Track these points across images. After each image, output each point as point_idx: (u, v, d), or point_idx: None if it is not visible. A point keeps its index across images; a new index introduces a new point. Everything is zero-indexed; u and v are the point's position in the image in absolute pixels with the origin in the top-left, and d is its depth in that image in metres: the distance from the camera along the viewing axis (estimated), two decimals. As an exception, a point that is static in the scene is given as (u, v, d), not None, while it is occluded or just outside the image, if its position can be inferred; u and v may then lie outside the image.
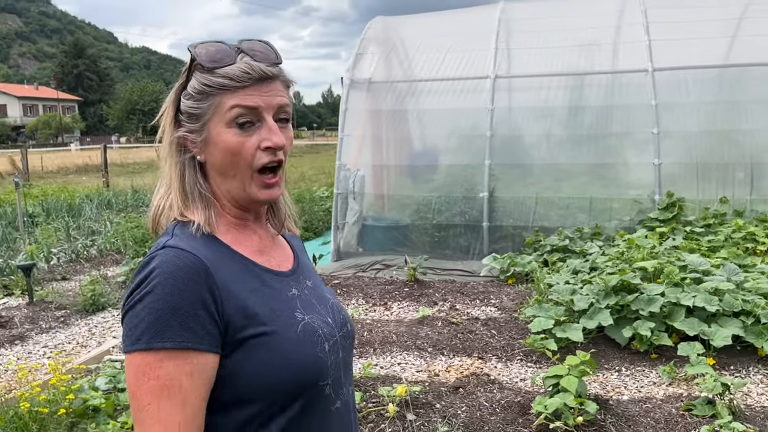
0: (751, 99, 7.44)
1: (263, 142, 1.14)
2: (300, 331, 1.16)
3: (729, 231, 6.43)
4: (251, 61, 1.14)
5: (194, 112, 1.15)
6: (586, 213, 7.56)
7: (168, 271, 1.05)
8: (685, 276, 5.14)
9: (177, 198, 1.18)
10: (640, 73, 7.50)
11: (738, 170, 7.10)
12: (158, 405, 1.02)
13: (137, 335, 1.03)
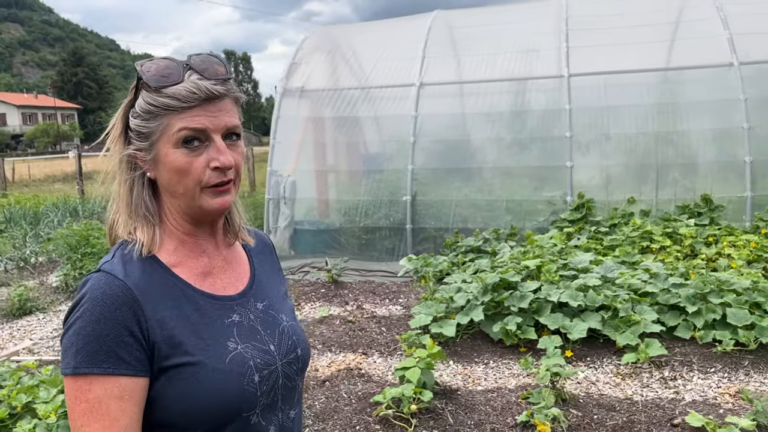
0: (675, 102, 7.72)
1: (212, 162, 1.13)
2: (228, 361, 1.15)
3: (629, 230, 6.71)
4: (198, 80, 1.13)
5: (142, 131, 1.15)
6: (512, 214, 7.84)
7: (97, 299, 1.08)
8: (563, 274, 5.42)
9: (123, 215, 1.19)
10: (555, 78, 7.79)
11: (651, 171, 7.37)
12: (89, 426, 1.05)
13: (68, 360, 1.07)
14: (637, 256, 6.09)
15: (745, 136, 6.98)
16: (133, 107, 1.17)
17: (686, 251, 6.34)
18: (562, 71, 7.79)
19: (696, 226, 6.74)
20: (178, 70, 1.13)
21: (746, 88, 7.11)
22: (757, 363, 4.49)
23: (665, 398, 4.11)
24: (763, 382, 4.26)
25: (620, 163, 7.50)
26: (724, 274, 5.10)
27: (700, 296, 4.88)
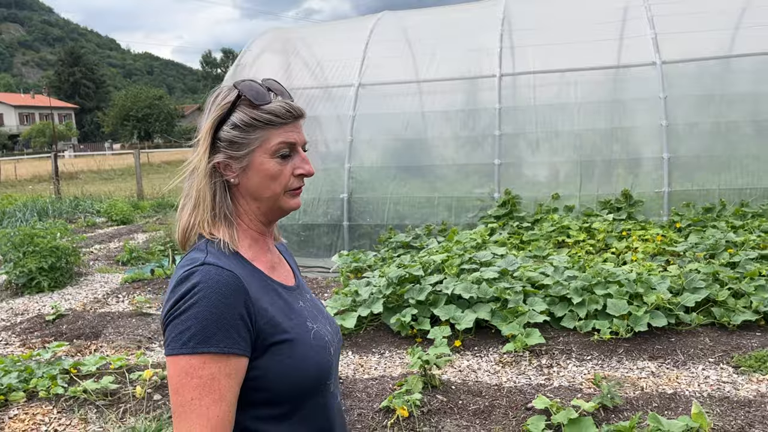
0: (604, 100, 7.94)
1: (297, 170, 1.33)
2: (313, 337, 1.34)
3: (548, 226, 6.94)
4: (286, 101, 1.32)
5: (240, 142, 1.29)
6: (449, 211, 8.07)
7: (212, 286, 1.19)
8: (466, 267, 5.66)
9: (207, 217, 1.32)
10: (489, 78, 8.02)
11: (577, 168, 7.59)
12: (200, 400, 1.16)
13: (184, 340, 1.17)
14: (548, 250, 6.32)
15: (663, 133, 7.19)
16: (226, 121, 1.30)
17: (600, 245, 6.57)
18: (494, 71, 8.01)
19: (614, 220, 6.97)
20: (266, 92, 1.32)
21: (666, 86, 7.32)
22: (631, 351, 4.73)
23: (535, 384, 4.35)
24: (631, 368, 4.50)
25: (546, 161, 7.72)
26: (611, 267, 5.33)
27: (588, 288, 5.11)
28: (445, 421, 3.85)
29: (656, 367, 4.48)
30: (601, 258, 6.23)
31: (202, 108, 1.41)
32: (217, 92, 1.35)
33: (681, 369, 4.44)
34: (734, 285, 5.09)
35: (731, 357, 4.50)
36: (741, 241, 6.03)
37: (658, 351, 4.69)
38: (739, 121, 7.27)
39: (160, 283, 7.33)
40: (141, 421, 3.82)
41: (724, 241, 6.02)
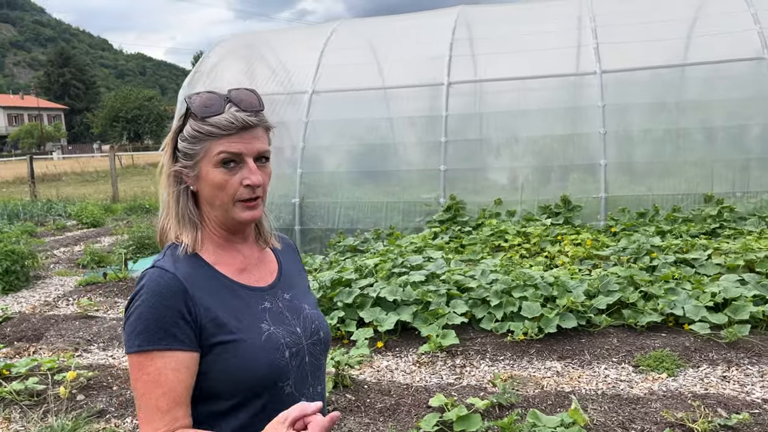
0: (549, 108, 8.16)
1: (244, 180, 1.37)
2: (264, 339, 1.38)
3: (487, 230, 7.15)
4: (236, 112, 1.36)
5: (189, 152, 1.38)
6: (401, 215, 8.28)
7: (153, 288, 1.31)
8: (397, 271, 5.87)
9: (172, 221, 1.43)
10: (438, 86, 8.23)
11: (518, 174, 7.82)
12: (151, 393, 1.28)
13: (132, 341, 1.30)
14: (482, 254, 6.53)
15: (602, 140, 7.43)
16: (181, 132, 1.40)
17: (536, 249, 6.79)
18: (442, 79, 8.23)
19: (552, 225, 7.19)
20: (220, 102, 1.37)
21: (605, 95, 7.55)
22: (542, 351, 4.94)
23: (445, 383, 4.56)
24: (539, 368, 4.72)
25: (491, 167, 7.94)
26: (532, 271, 5.55)
27: (507, 291, 5.32)
28: (349, 419, 4.05)
29: (562, 367, 4.69)
30: (534, 261, 6.45)
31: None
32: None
33: (585, 368, 4.66)
34: (646, 288, 5.31)
35: (633, 357, 4.72)
36: (665, 246, 6.26)
37: (567, 351, 4.90)
38: (677, 130, 7.51)
39: (112, 286, 7.50)
40: (59, 421, 4.01)
41: (649, 245, 6.25)
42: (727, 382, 4.30)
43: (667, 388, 4.25)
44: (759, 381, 4.27)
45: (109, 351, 5.53)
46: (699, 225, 6.81)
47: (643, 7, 8.86)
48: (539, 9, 9.18)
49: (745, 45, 7.37)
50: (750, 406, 3.94)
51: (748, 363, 4.52)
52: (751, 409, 3.91)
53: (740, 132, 7.26)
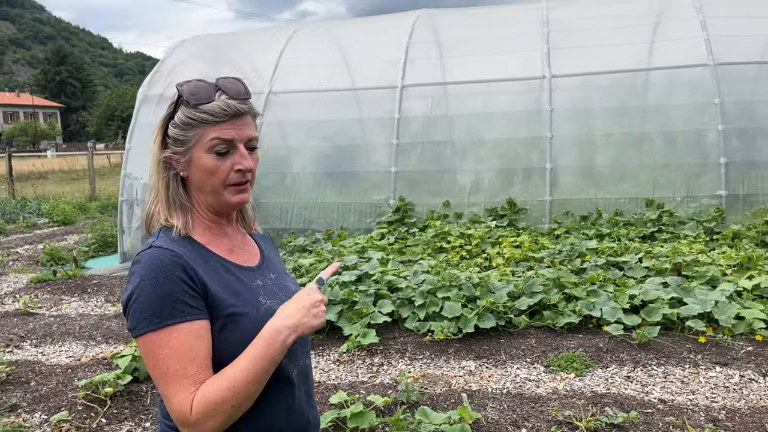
0: (496, 112, 8.25)
1: (236, 165, 1.42)
2: (262, 312, 1.44)
3: (432, 232, 7.23)
4: (227, 99, 1.41)
5: (180, 139, 1.42)
6: (357, 215, 8.36)
7: (156, 266, 1.33)
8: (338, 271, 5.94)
9: (162, 206, 1.46)
10: (391, 89, 8.31)
11: (467, 176, 7.90)
12: (176, 365, 1.30)
13: (146, 320, 1.31)
14: (421, 255, 6.61)
15: (548, 144, 7.51)
16: (172, 119, 1.44)
17: (477, 251, 6.87)
18: (396, 82, 8.31)
19: (496, 227, 7.27)
20: (210, 90, 1.42)
21: (553, 99, 7.64)
22: (460, 351, 5.02)
23: (359, 381, 4.63)
24: (454, 367, 4.78)
25: (441, 169, 8.02)
26: (458, 271, 5.63)
27: (432, 291, 5.40)
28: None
29: (476, 367, 4.77)
30: (473, 263, 6.53)
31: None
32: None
33: (499, 368, 4.73)
34: (570, 290, 5.39)
35: (547, 357, 4.80)
36: (601, 248, 6.34)
37: (484, 351, 4.98)
38: (622, 135, 7.59)
39: (61, 284, 7.56)
40: (-32, 414, 4.08)
41: (584, 248, 6.33)
42: (630, 382, 4.38)
43: (570, 388, 4.33)
44: (661, 381, 4.35)
45: (40, 348, 5.59)
46: (639, 229, 6.89)
47: (605, 12, 8.96)
48: (501, 13, 9.27)
49: (691, 52, 7.46)
50: (644, 406, 4.02)
51: (655, 364, 4.60)
52: (645, 408, 3.99)
53: (682, 138, 7.35)
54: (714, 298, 5.07)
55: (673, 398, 4.12)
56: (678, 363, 4.60)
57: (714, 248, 6.33)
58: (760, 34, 7.69)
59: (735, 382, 4.29)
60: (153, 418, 4.15)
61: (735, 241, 6.38)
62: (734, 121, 7.10)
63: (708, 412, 3.92)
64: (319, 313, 1.43)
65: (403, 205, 7.75)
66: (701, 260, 5.92)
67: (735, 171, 6.95)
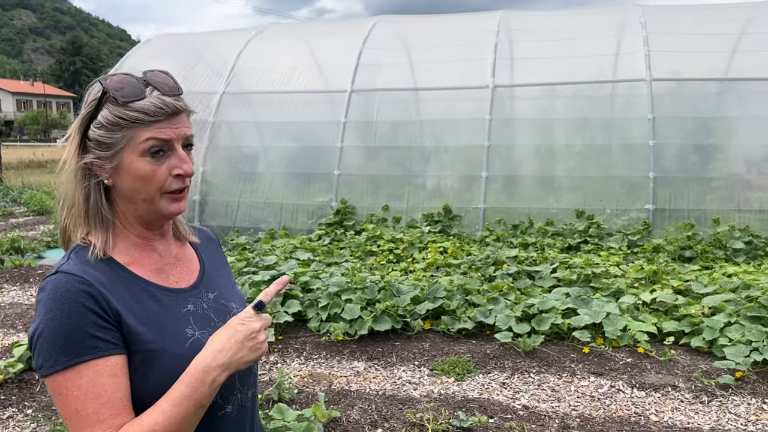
0: (440, 119, 8.40)
1: (174, 170, 1.23)
2: (188, 347, 1.23)
3: (365, 235, 7.39)
4: (162, 96, 1.21)
5: (106, 141, 1.20)
6: (304, 215, 8.54)
7: (61, 297, 1.13)
8: (251, 270, 6.12)
9: (80, 220, 1.24)
10: (340, 93, 8.48)
11: (404, 181, 8.04)
12: (86, 408, 1.12)
13: (52, 359, 1.12)
14: (347, 257, 6.77)
15: (485, 153, 7.64)
16: (93, 119, 1.22)
17: (406, 254, 7.01)
18: (346, 87, 8.47)
19: (430, 233, 7.42)
20: (140, 86, 1.21)
21: (493, 109, 7.77)
22: (355, 352, 5.17)
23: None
24: (345, 367, 4.92)
25: (384, 174, 8.17)
26: (366, 274, 5.78)
27: (338, 293, 5.56)
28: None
29: (365, 368, 4.92)
30: (398, 267, 6.68)
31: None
32: (90, 88, 1.26)
33: (386, 370, 4.88)
34: (472, 297, 5.53)
35: (435, 361, 4.95)
36: (521, 257, 6.47)
37: (377, 353, 5.13)
38: (559, 146, 7.71)
39: (6, 273, 7.77)
40: None
41: (504, 257, 6.46)
42: (504, 388, 4.52)
43: (445, 392, 4.47)
44: (533, 389, 4.48)
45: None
46: (566, 239, 7.01)
47: (563, 24, 9.09)
48: (454, 23, 9.40)
49: (629, 67, 7.56)
50: (506, 411, 4.16)
51: (535, 372, 4.73)
52: (505, 413, 4.13)
53: (616, 151, 7.45)
54: (608, 310, 5.20)
55: (537, 405, 4.25)
56: (557, 372, 4.72)
57: (632, 261, 6.44)
58: (705, 50, 7.78)
59: (603, 392, 4.41)
60: (38, 406, 4.34)
61: (653, 255, 6.49)
62: (666, 137, 7.20)
63: (564, 419, 4.05)
64: (257, 346, 1.23)
65: (343, 207, 7.91)
66: (611, 272, 6.03)
67: (663, 186, 7.05)
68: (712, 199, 7.07)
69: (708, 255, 6.49)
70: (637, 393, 4.39)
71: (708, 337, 4.81)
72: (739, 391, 4.33)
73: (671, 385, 4.46)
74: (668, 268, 6.08)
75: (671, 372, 4.63)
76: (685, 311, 5.18)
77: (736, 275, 5.86)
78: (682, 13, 8.51)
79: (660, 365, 4.73)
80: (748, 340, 4.62)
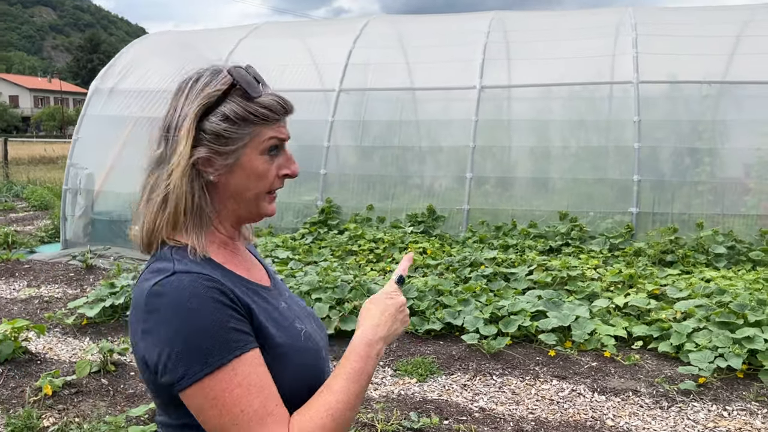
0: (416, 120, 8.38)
1: (282, 170, 1.23)
2: (304, 340, 1.23)
3: (347, 234, 7.39)
4: (278, 95, 1.21)
5: (231, 136, 1.16)
6: (293, 215, 8.54)
7: (193, 296, 1.07)
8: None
9: (180, 218, 1.17)
10: (330, 92, 8.50)
11: (389, 181, 8.04)
12: (251, 402, 1.07)
13: (201, 362, 1.05)
14: (326, 257, 6.77)
15: (470, 154, 7.61)
16: (213, 110, 1.16)
17: (386, 254, 7.00)
18: (335, 86, 8.48)
19: (412, 233, 7.40)
20: (254, 81, 1.19)
21: (480, 110, 7.74)
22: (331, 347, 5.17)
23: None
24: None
25: (367, 174, 8.17)
26: (339, 273, 5.78)
27: (309, 292, 5.56)
28: (86, 402, 4.33)
29: (329, 367, 4.92)
30: (378, 267, 6.68)
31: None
32: (197, 76, 1.20)
33: (350, 370, 4.87)
34: (443, 297, 5.51)
35: (399, 362, 4.94)
36: (500, 259, 6.44)
37: (343, 353, 5.12)
38: (544, 148, 7.67)
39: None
40: None
41: (483, 258, 6.43)
42: (464, 390, 4.50)
43: (405, 392, 4.46)
44: (494, 392, 4.46)
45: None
46: (548, 241, 6.97)
47: (554, 25, 9.04)
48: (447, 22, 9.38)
49: (616, 69, 7.50)
50: (462, 413, 4.14)
51: (498, 374, 4.70)
52: (460, 415, 4.11)
53: (601, 153, 7.39)
54: (578, 313, 5.16)
55: (495, 408, 4.23)
56: (521, 374, 4.70)
57: (612, 264, 6.38)
58: (696, 53, 7.70)
59: (563, 396, 4.38)
60: (-1, 398, 4.38)
61: (633, 258, 6.43)
62: (652, 139, 7.13)
63: (519, 422, 4.02)
64: (405, 318, 1.29)
65: (327, 207, 7.92)
66: (588, 275, 5.98)
67: (648, 189, 6.98)
68: (699, 203, 6.99)
69: (689, 259, 6.42)
70: (597, 397, 4.35)
71: (675, 342, 4.76)
72: (701, 397, 4.28)
73: (633, 389, 4.42)
74: (646, 272, 6.02)
75: (635, 377, 4.59)
76: (656, 316, 5.12)
77: (713, 280, 5.79)
78: (675, 15, 8.42)
79: (624, 369, 4.69)
80: (715, 346, 4.56)
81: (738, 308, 4.84)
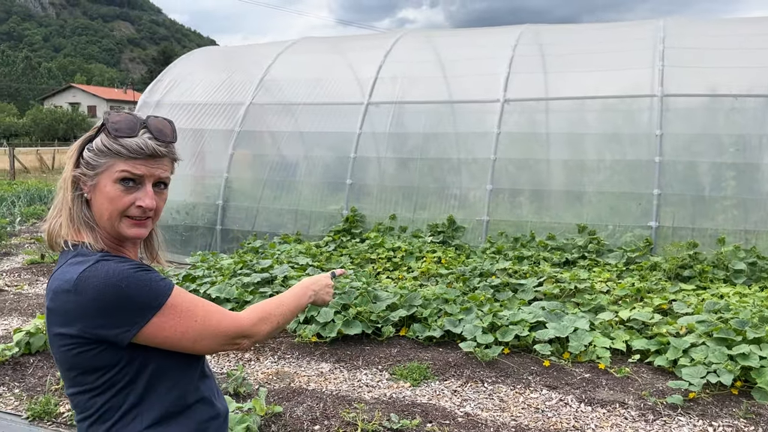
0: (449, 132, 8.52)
1: (138, 201, 1.47)
2: None
3: (368, 243, 7.60)
4: (148, 139, 1.46)
5: (92, 163, 1.46)
6: (322, 222, 8.85)
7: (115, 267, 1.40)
8: (243, 272, 6.46)
9: (66, 223, 1.48)
10: (357, 105, 8.76)
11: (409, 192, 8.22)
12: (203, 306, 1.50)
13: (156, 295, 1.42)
14: (341, 264, 7.00)
15: (491, 166, 7.71)
16: (90, 143, 1.49)
17: (403, 263, 7.18)
18: (364, 99, 8.73)
19: (432, 243, 7.55)
20: (136, 126, 1.47)
21: (502, 123, 7.84)
22: (325, 354, 5.39)
23: (218, 373, 5.11)
24: (312, 368, 5.15)
25: (389, 185, 8.36)
26: (348, 280, 5.99)
27: (319, 297, 5.80)
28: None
29: (330, 369, 5.14)
30: (393, 275, 6.87)
31: None
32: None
33: (349, 372, 5.08)
34: (447, 306, 5.65)
35: (397, 366, 5.11)
36: (512, 270, 6.52)
37: (346, 356, 5.34)
38: (565, 160, 7.68)
39: (45, 267, 8.49)
40: None
41: (496, 268, 6.53)
42: (454, 395, 4.63)
43: (396, 396, 4.62)
44: (483, 398, 4.57)
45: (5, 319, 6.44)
46: (565, 254, 6.99)
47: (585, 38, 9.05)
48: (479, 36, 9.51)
49: (641, 82, 7.46)
50: (446, 417, 4.28)
51: (490, 382, 4.81)
52: (444, 419, 4.25)
53: (623, 167, 7.36)
54: (577, 325, 5.21)
55: (479, 414, 4.34)
56: (512, 383, 4.79)
57: (625, 278, 6.37)
58: (729, 66, 7.58)
59: (549, 405, 4.45)
60: (25, 386, 4.80)
61: (648, 273, 6.40)
62: (674, 154, 7.06)
63: (499, 428, 4.13)
64: (330, 292, 1.92)
65: (352, 215, 8.16)
66: (597, 288, 6.00)
67: (668, 204, 6.91)
68: (723, 218, 6.88)
69: (707, 275, 6.33)
70: (583, 408, 4.40)
71: (671, 356, 4.76)
72: (688, 411, 4.28)
73: (620, 402, 4.45)
74: (658, 286, 5.99)
75: (625, 389, 4.61)
76: (658, 330, 5.12)
77: (726, 297, 5.71)
78: (704, 27, 8.29)
79: (615, 382, 4.72)
80: (709, 362, 4.54)
81: (739, 325, 4.80)
